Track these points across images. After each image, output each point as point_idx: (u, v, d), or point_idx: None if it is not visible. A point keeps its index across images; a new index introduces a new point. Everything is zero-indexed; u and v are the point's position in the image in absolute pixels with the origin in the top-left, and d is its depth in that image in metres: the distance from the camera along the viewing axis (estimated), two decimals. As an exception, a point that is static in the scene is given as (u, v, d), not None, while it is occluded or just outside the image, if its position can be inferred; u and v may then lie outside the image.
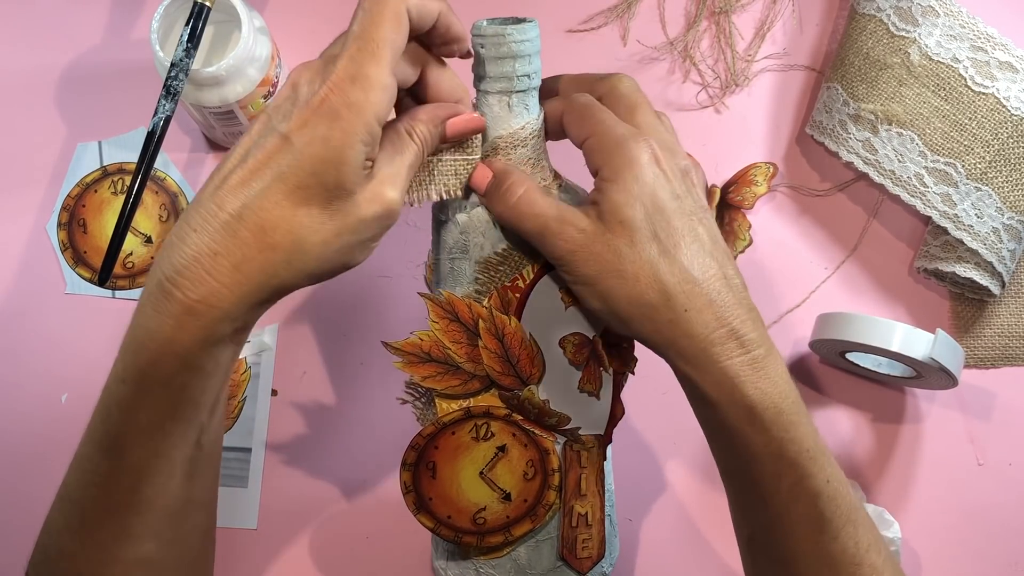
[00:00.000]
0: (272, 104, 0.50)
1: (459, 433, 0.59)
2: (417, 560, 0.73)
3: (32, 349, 0.75)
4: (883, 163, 0.73)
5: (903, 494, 0.74)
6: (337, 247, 0.49)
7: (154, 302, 0.49)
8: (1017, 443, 0.75)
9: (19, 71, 0.79)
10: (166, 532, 0.53)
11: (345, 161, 0.47)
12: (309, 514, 0.73)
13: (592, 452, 0.61)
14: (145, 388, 0.49)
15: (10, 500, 0.74)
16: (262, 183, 0.47)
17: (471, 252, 0.58)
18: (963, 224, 0.72)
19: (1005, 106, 0.72)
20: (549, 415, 0.59)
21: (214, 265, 0.47)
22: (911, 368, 0.70)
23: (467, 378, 0.59)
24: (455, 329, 0.58)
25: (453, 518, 0.59)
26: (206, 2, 0.66)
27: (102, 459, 0.51)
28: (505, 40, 0.55)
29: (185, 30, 0.66)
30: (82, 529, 0.52)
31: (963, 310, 0.76)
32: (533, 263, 0.58)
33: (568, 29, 0.80)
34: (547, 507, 0.60)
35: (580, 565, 0.61)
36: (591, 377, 0.60)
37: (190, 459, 0.52)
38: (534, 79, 0.57)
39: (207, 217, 0.47)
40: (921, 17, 0.73)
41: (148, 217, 0.77)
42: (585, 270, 0.53)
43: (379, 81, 0.47)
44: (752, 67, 0.80)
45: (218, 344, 0.49)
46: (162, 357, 0.48)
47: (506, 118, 0.57)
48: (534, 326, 0.59)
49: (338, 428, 0.74)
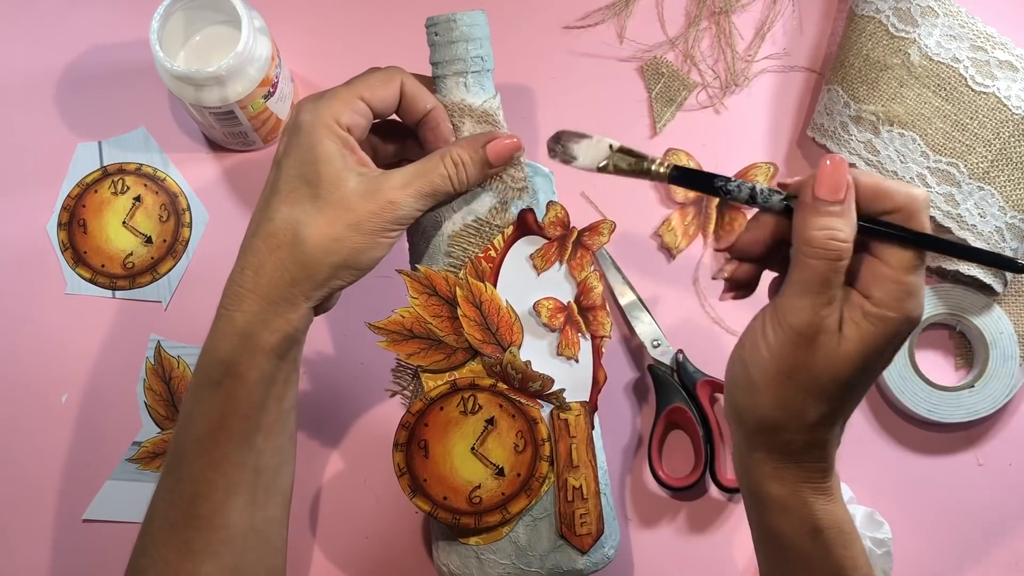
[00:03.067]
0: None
1: (447, 408, 0.60)
2: (417, 560, 0.72)
3: (32, 349, 0.75)
4: (885, 164, 0.73)
5: (903, 494, 0.74)
6: (334, 236, 0.55)
7: (212, 327, 0.56)
8: (1017, 443, 0.75)
9: (19, 71, 0.79)
10: (227, 556, 0.55)
11: (319, 158, 0.55)
12: (309, 513, 0.73)
13: (579, 419, 0.61)
14: (197, 396, 0.56)
15: (10, 500, 0.73)
16: (267, 201, 0.56)
17: (443, 227, 0.61)
18: (966, 224, 0.72)
19: (1006, 105, 0.72)
20: (533, 379, 0.61)
21: (243, 278, 0.55)
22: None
23: (450, 351, 0.61)
24: (434, 303, 0.61)
25: (449, 499, 0.60)
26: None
27: (167, 473, 0.57)
28: (456, 25, 0.60)
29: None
30: (152, 546, 0.56)
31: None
32: (502, 232, 0.61)
33: (565, 25, 0.80)
34: (541, 480, 0.60)
35: (580, 543, 0.61)
36: (568, 342, 0.63)
37: (248, 484, 0.55)
38: (487, 62, 0.61)
39: (243, 245, 0.56)
40: (920, 17, 0.73)
41: (148, 217, 0.77)
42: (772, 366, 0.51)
43: (334, 92, 0.57)
44: (752, 67, 0.80)
45: (256, 352, 0.55)
46: (210, 365, 0.55)
47: (464, 97, 0.61)
48: (509, 293, 0.61)
49: (338, 427, 0.74)
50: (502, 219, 0.61)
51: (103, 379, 0.75)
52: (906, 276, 0.48)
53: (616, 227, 0.63)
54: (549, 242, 0.62)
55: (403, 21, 0.75)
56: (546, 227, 0.62)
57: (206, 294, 0.77)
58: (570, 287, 0.63)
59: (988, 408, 0.73)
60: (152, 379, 0.75)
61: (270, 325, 0.55)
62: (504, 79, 0.78)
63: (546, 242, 0.62)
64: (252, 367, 0.55)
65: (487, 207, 0.61)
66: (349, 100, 0.57)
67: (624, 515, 0.73)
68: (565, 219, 0.62)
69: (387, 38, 0.79)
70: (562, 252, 0.62)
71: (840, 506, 0.53)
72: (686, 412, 0.72)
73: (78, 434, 0.75)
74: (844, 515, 0.53)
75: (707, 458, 0.72)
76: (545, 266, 0.62)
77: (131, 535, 0.58)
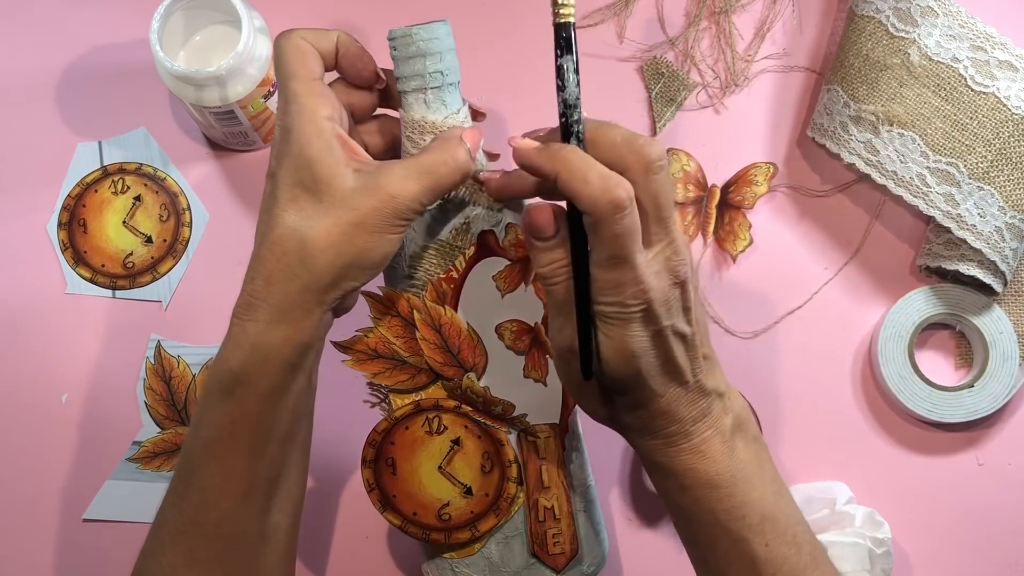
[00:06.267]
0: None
1: (412, 428, 0.60)
2: (416, 560, 0.73)
3: (32, 349, 0.75)
4: (885, 164, 0.73)
5: (903, 494, 0.74)
6: (340, 237, 0.53)
7: (226, 335, 0.55)
8: (1017, 443, 0.75)
9: (19, 71, 0.79)
10: (234, 565, 0.55)
11: (312, 160, 0.54)
12: (308, 514, 0.73)
13: (549, 442, 0.61)
14: (208, 404, 0.55)
15: (10, 500, 0.74)
16: (269, 213, 0.55)
17: (405, 247, 0.60)
18: (966, 224, 0.72)
19: (1006, 105, 0.72)
20: (493, 403, 0.60)
21: (254, 287, 0.54)
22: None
23: (414, 372, 0.60)
24: (396, 324, 0.60)
25: (419, 515, 0.60)
26: (569, 18, 0.53)
27: (177, 478, 0.56)
28: (413, 40, 0.58)
29: (568, 59, 0.52)
30: (160, 550, 0.56)
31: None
32: (463, 254, 0.60)
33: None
34: (509, 500, 0.60)
35: (553, 561, 0.61)
36: (535, 364, 0.61)
37: (258, 494, 0.55)
38: (448, 76, 0.59)
39: (252, 257, 0.55)
40: (920, 17, 0.73)
41: (148, 217, 0.77)
42: (573, 392, 0.57)
43: (305, 90, 0.55)
44: (752, 67, 0.80)
45: (268, 362, 0.54)
46: (222, 374, 0.55)
47: (425, 115, 0.59)
48: (472, 316, 0.60)
49: (338, 428, 0.74)
50: (463, 240, 0.60)
51: (103, 379, 0.75)
52: (612, 274, 0.51)
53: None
54: (512, 263, 0.61)
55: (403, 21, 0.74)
56: (507, 249, 0.60)
57: (206, 294, 0.77)
58: (537, 308, 0.61)
59: (988, 408, 0.73)
60: (152, 379, 0.75)
61: (283, 335, 0.54)
62: (503, 79, 0.79)
63: (508, 263, 0.61)
64: (263, 377, 0.54)
65: (449, 228, 0.60)
66: (322, 92, 0.56)
67: (624, 515, 0.73)
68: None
69: (386, 39, 0.79)
70: (526, 273, 0.61)
71: (718, 463, 0.54)
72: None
73: (78, 434, 0.75)
74: (721, 471, 0.54)
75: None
76: (509, 288, 0.61)
77: (131, 535, 0.58)
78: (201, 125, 0.76)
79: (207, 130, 0.76)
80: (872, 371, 0.75)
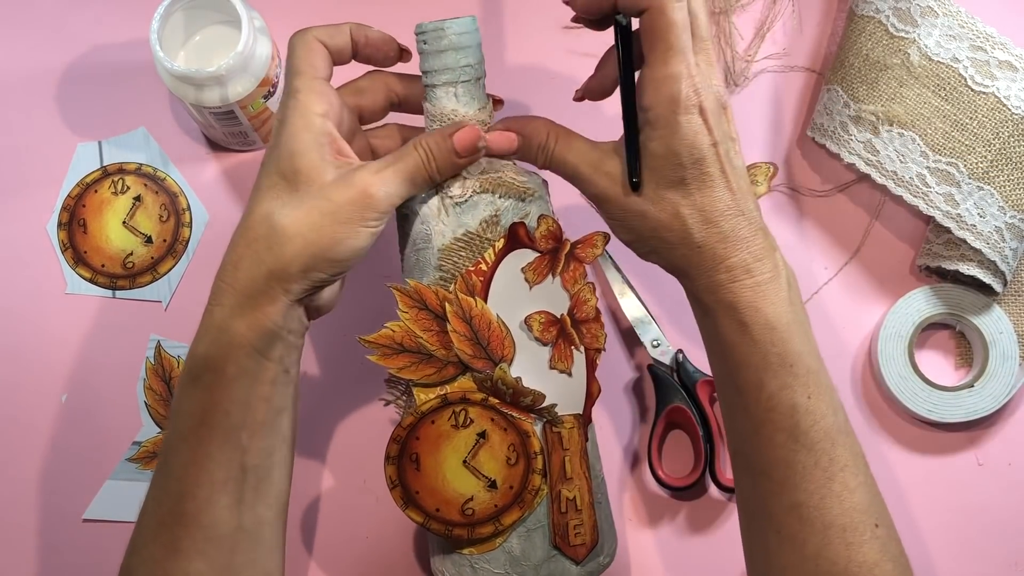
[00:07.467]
0: None
1: (439, 422, 0.60)
2: (417, 560, 0.73)
3: (32, 349, 0.75)
4: (885, 164, 0.73)
5: (903, 494, 0.74)
6: (309, 226, 0.54)
7: (199, 324, 0.57)
8: (1017, 443, 0.75)
9: (19, 71, 0.79)
10: (216, 556, 0.55)
11: (296, 152, 0.55)
12: (308, 514, 0.73)
13: (573, 432, 0.61)
14: (182, 395, 0.56)
15: (10, 500, 0.73)
16: (249, 200, 0.57)
17: (433, 240, 0.60)
18: (966, 224, 0.72)
19: (1006, 105, 0.72)
20: (524, 394, 0.60)
21: (223, 273, 0.56)
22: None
23: (441, 365, 0.60)
24: (424, 317, 0.60)
25: (442, 511, 0.60)
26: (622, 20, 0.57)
27: (157, 471, 0.57)
28: (445, 33, 0.59)
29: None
30: (142, 544, 0.57)
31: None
32: (493, 246, 0.60)
33: (565, 25, 0.80)
34: (534, 492, 0.60)
35: (575, 552, 0.61)
36: (562, 355, 0.62)
37: (235, 483, 0.55)
38: (477, 69, 0.60)
39: (228, 244, 0.56)
40: (920, 18, 0.73)
41: (148, 217, 0.77)
42: (613, 213, 0.58)
43: (305, 87, 0.57)
44: (752, 67, 0.80)
45: (233, 346, 0.54)
46: (191, 361, 0.56)
47: (456, 108, 0.60)
48: (501, 307, 0.61)
49: (339, 428, 0.74)
50: (493, 232, 0.60)
51: (103, 379, 0.75)
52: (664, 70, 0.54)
53: (610, 238, 0.62)
54: (541, 255, 0.61)
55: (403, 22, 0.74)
56: (538, 240, 0.61)
57: (206, 294, 0.77)
58: (564, 300, 0.62)
59: (988, 408, 0.73)
60: (152, 379, 0.75)
61: (246, 318, 0.54)
62: (503, 79, 0.79)
63: (538, 255, 0.61)
64: (229, 361, 0.55)
65: (478, 220, 0.60)
66: (322, 90, 0.57)
67: (624, 515, 0.73)
68: (557, 232, 0.62)
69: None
70: (555, 265, 0.62)
71: (775, 306, 0.55)
72: (686, 412, 0.72)
73: (78, 434, 0.75)
74: (778, 315, 0.55)
75: (707, 458, 0.72)
76: (538, 279, 0.61)
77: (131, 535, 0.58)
78: (201, 125, 0.76)
79: (207, 130, 0.76)
80: (872, 371, 0.76)
